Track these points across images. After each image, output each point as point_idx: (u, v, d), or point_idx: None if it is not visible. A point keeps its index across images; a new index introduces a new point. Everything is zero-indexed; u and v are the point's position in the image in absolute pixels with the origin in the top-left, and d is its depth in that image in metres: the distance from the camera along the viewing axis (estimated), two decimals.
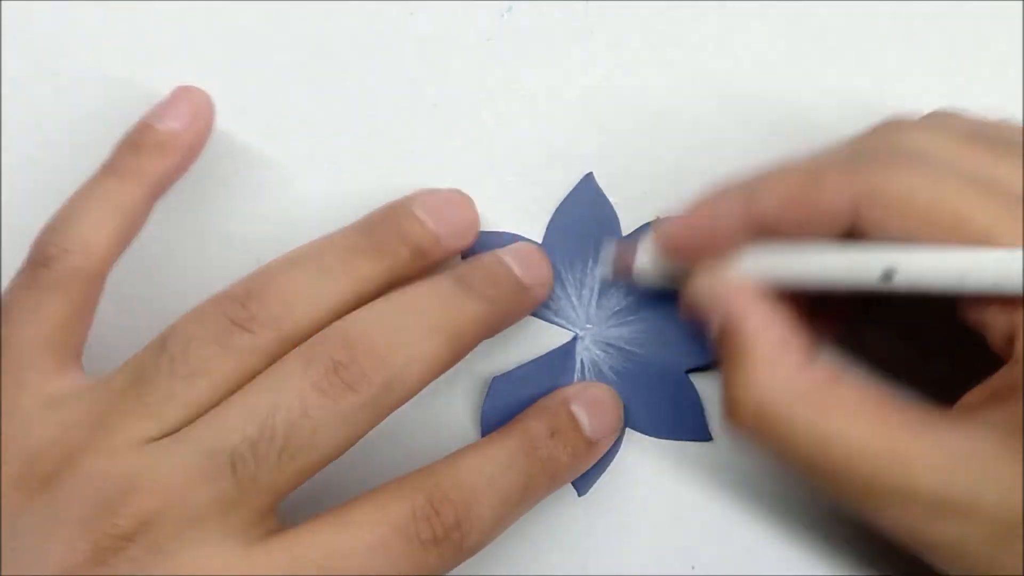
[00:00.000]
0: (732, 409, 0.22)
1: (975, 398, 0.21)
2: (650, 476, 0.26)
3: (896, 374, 0.26)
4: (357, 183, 0.28)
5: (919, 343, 0.26)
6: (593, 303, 0.27)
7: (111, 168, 0.25)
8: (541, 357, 0.27)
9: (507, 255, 0.25)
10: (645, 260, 0.25)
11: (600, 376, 0.26)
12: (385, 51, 0.29)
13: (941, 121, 0.23)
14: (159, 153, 0.25)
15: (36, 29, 0.29)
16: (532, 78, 0.29)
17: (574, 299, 0.27)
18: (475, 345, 0.23)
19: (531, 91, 0.28)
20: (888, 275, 0.20)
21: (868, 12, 0.29)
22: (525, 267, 0.25)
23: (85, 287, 0.23)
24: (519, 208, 0.28)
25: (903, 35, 0.28)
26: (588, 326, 0.27)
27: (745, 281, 0.22)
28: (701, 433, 0.26)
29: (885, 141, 0.22)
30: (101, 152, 0.28)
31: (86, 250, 0.23)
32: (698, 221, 0.23)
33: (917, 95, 0.28)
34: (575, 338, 0.27)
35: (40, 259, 0.23)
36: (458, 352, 0.23)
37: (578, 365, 0.26)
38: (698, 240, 0.23)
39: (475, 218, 0.26)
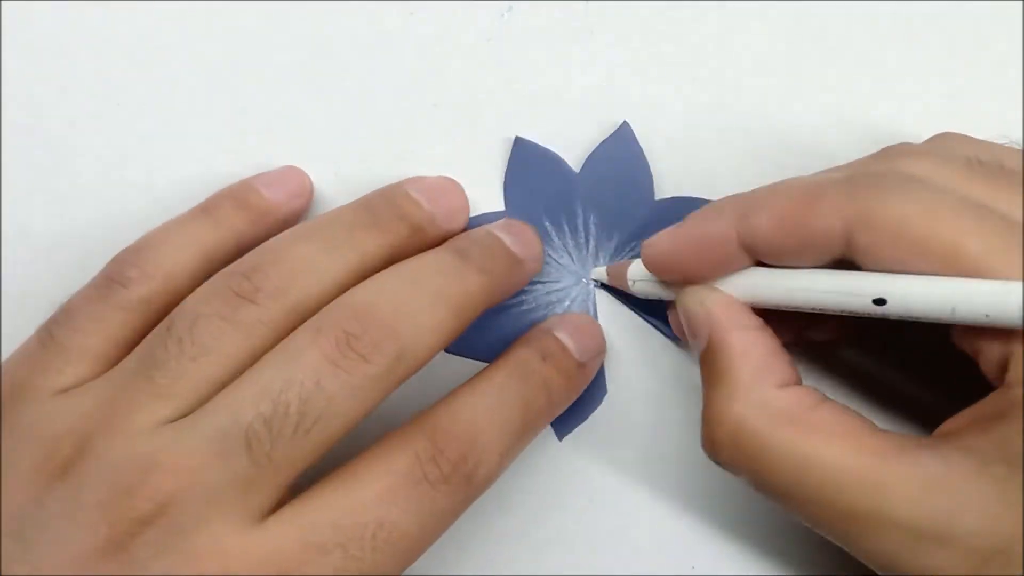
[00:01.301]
0: (710, 430, 0.22)
1: (955, 425, 0.20)
2: (651, 476, 0.26)
3: (881, 397, 0.26)
4: (357, 183, 0.28)
5: (907, 365, 0.26)
6: (590, 253, 0.27)
7: (209, 212, 0.26)
8: None
9: (498, 230, 0.26)
10: (638, 277, 0.25)
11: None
12: (385, 51, 0.29)
13: (943, 147, 0.23)
14: (256, 216, 0.26)
15: (36, 29, 0.29)
16: (532, 78, 0.29)
17: (572, 253, 0.27)
18: (477, 315, 0.24)
19: (531, 91, 0.28)
20: (879, 302, 0.20)
21: (868, 12, 0.29)
22: (517, 241, 0.25)
23: (152, 315, 0.23)
24: None
25: (903, 35, 0.28)
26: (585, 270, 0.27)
27: (730, 301, 0.22)
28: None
29: (883, 166, 0.22)
30: (101, 152, 0.28)
31: (165, 281, 0.24)
32: (688, 240, 0.23)
33: (917, 95, 0.28)
34: (590, 284, 0.27)
35: (119, 278, 0.23)
36: (463, 321, 0.23)
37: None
38: (687, 259, 0.23)
39: (466, 203, 0.27)
